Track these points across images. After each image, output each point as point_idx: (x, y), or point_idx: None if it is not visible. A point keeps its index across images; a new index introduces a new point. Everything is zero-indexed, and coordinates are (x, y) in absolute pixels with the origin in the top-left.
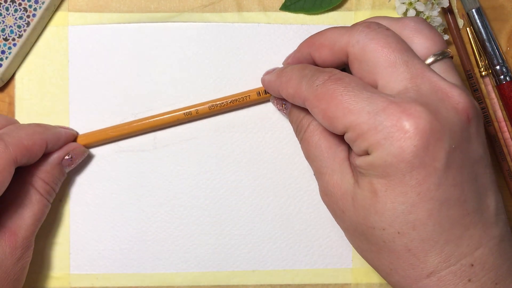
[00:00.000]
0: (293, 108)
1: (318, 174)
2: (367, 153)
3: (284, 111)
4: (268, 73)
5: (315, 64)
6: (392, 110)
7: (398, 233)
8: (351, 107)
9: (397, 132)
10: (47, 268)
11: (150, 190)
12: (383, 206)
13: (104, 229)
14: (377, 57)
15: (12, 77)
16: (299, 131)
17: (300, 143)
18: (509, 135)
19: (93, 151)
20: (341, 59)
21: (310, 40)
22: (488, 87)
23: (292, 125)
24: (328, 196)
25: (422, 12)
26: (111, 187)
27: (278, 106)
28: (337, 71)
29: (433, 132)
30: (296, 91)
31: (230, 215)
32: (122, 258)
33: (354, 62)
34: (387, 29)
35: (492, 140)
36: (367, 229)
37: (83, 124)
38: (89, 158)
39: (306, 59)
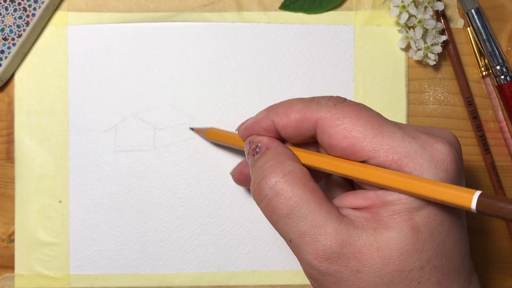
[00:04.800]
0: (270, 149)
1: (306, 237)
2: None
3: (252, 156)
4: (242, 126)
5: (277, 134)
6: (424, 137)
7: (435, 267)
8: (381, 129)
9: (440, 156)
10: (47, 268)
11: (150, 190)
12: (424, 240)
13: (103, 229)
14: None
15: (12, 76)
16: (268, 183)
17: (267, 200)
18: (509, 135)
19: (92, 150)
20: (309, 129)
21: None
22: (488, 87)
23: (254, 174)
24: (329, 262)
25: (414, 15)
26: (111, 187)
27: (252, 145)
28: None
29: (460, 160)
30: (304, 114)
31: (230, 215)
32: (121, 258)
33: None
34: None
35: (477, 134)
36: (400, 274)
37: (82, 124)
38: (89, 158)
39: (267, 126)
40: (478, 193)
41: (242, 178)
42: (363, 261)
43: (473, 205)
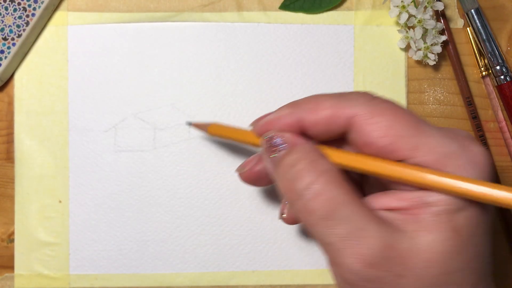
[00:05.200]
0: (298, 146)
1: (350, 240)
2: None
3: (273, 152)
4: (260, 121)
5: (300, 131)
6: (461, 138)
7: (473, 269)
8: (420, 128)
9: (479, 156)
10: (47, 268)
11: (150, 190)
12: (465, 242)
13: (103, 229)
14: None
15: (12, 76)
16: (303, 183)
17: (304, 202)
18: (509, 135)
19: (92, 151)
20: (340, 127)
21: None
22: (488, 87)
23: (282, 173)
24: (373, 266)
25: (414, 15)
26: (111, 187)
27: (272, 141)
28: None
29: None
30: (336, 111)
31: (230, 215)
32: (121, 258)
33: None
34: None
35: (477, 134)
36: (442, 278)
37: (82, 124)
38: (89, 158)
39: (292, 122)
40: None
41: (253, 176)
42: (406, 265)
43: None
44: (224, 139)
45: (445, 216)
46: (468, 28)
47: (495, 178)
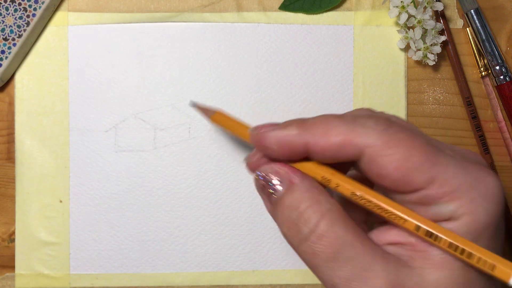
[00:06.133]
0: (298, 185)
1: (355, 282)
2: (451, 217)
3: (269, 191)
4: (266, 132)
5: (303, 154)
6: (476, 168)
7: None
8: (436, 159)
9: (492, 190)
10: (47, 268)
11: (150, 190)
12: (474, 279)
13: (104, 229)
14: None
15: (12, 77)
16: (308, 225)
17: (309, 245)
18: (508, 135)
19: (93, 151)
20: (351, 156)
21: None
22: (488, 87)
23: (283, 214)
24: None
25: (413, 16)
26: (111, 187)
27: (268, 179)
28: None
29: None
30: (348, 139)
31: (230, 215)
32: (122, 258)
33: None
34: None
35: (477, 134)
36: None
37: (83, 124)
38: (89, 158)
39: (298, 145)
40: None
41: (263, 162)
42: None
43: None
44: (226, 131)
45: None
46: (467, 29)
47: (504, 208)
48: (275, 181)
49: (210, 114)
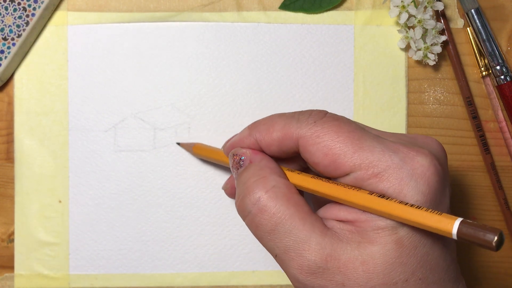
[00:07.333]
0: (253, 164)
1: (291, 253)
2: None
3: (236, 169)
4: (227, 143)
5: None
6: (405, 150)
7: (420, 279)
8: (361, 144)
9: (420, 169)
10: (47, 268)
11: (149, 190)
12: (408, 254)
13: (103, 229)
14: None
15: (12, 76)
16: (251, 199)
17: (251, 217)
18: (509, 135)
19: (92, 150)
20: (291, 147)
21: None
22: (488, 87)
23: (238, 189)
24: (314, 276)
25: (414, 15)
26: (111, 187)
27: (235, 158)
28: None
29: (442, 171)
30: (285, 132)
31: (230, 215)
32: (121, 258)
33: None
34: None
35: (477, 134)
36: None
37: (82, 124)
38: (89, 158)
39: (251, 144)
40: (459, 220)
41: (234, 192)
42: (348, 275)
43: (454, 232)
44: (207, 158)
45: (388, 229)
46: (468, 28)
47: (442, 188)
48: (241, 158)
49: (191, 147)
